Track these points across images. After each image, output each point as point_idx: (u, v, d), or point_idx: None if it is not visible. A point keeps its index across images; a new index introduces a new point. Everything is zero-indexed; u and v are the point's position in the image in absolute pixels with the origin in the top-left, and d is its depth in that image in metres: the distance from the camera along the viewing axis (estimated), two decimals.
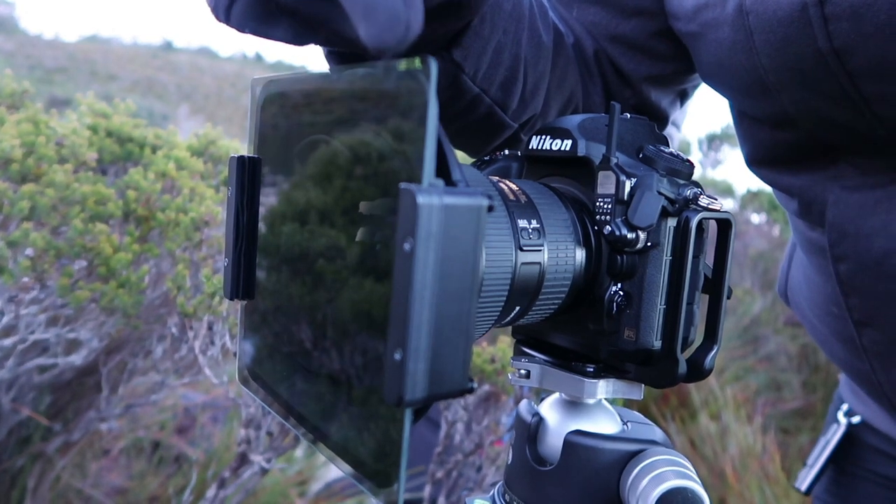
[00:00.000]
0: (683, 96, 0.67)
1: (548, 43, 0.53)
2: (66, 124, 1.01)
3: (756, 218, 4.40)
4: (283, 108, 0.38)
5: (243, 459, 0.88)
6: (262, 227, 0.39)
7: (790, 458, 2.14)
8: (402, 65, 0.27)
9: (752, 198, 4.25)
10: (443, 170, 0.28)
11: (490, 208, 0.27)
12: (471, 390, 0.28)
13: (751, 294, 3.36)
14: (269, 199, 0.39)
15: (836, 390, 0.81)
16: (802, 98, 0.48)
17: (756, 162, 0.61)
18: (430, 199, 0.25)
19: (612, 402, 0.46)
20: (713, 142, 5.41)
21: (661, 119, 0.65)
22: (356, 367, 0.31)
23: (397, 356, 0.26)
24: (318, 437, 0.34)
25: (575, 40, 0.59)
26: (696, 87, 0.67)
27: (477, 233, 0.26)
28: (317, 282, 0.34)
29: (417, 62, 0.26)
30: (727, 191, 4.55)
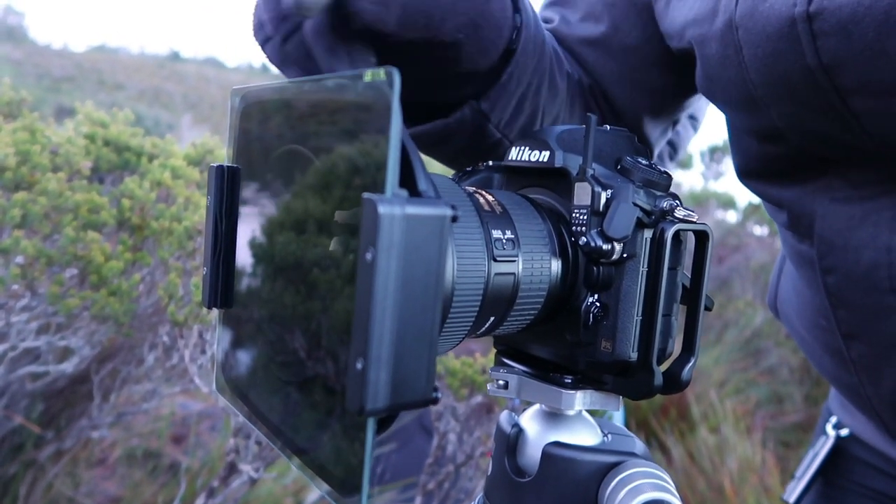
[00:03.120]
0: (675, 124, 0.68)
1: (562, 89, 0.58)
2: (61, 133, 1.01)
3: (758, 230, 4.39)
4: (260, 118, 0.38)
5: (232, 469, 0.88)
6: (240, 235, 0.39)
7: (790, 472, 2.13)
8: (368, 76, 0.27)
9: (753, 210, 4.24)
10: (408, 180, 0.28)
11: (454, 218, 0.27)
12: (435, 400, 0.28)
13: (752, 306, 3.35)
14: (247, 209, 0.39)
15: (826, 401, 0.80)
16: (791, 112, 0.48)
17: (747, 174, 0.61)
18: (391, 209, 0.25)
19: (598, 413, 0.46)
20: (714, 154, 5.41)
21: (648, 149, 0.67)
22: (326, 379, 0.31)
23: (359, 365, 0.26)
24: (291, 448, 0.34)
25: (578, 77, 0.62)
26: (689, 114, 0.69)
27: (440, 243, 0.27)
28: (290, 291, 0.34)
29: (382, 73, 0.27)
30: (729, 203, 4.54)
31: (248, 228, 0.39)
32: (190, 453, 1.54)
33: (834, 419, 0.75)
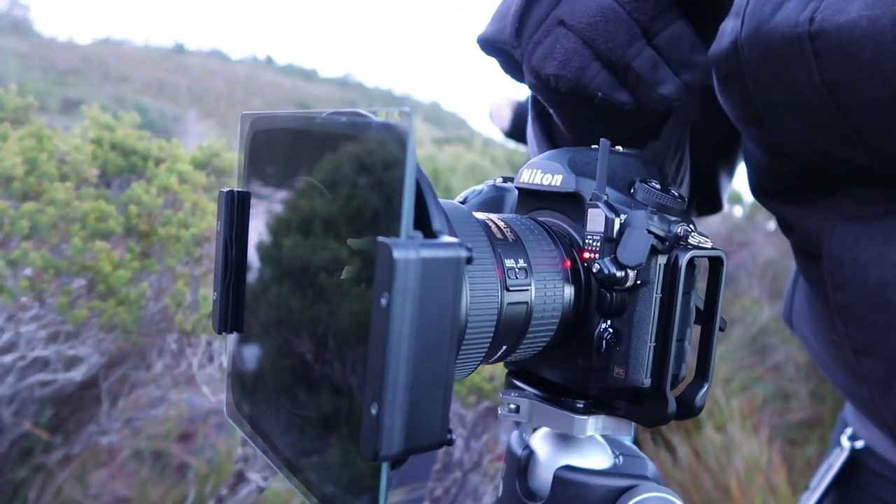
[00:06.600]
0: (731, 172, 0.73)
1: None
2: (68, 139, 1.01)
3: (765, 226, 4.36)
4: (270, 145, 0.38)
5: (240, 477, 0.88)
6: (249, 262, 0.39)
7: (797, 471, 2.12)
8: (382, 115, 0.27)
9: (760, 206, 4.21)
10: (423, 220, 0.27)
11: (469, 260, 0.26)
12: (450, 442, 0.28)
13: (759, 303, 3.34)
14: (256, 235, 0.39)
15: (840, 412, 0.80)
16: (797, 131, 0.48)
17: (760, 191, 0.62)
18: (406, 253, 0.25)
19: None
20: None
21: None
22: (338, 412, 0.31)
23: (374, 410, 0.25)
24: (293, 470, 0.34)
25: None
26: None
27: (455, 284, 0.26)
28: (296, 314, 0.34)
29: (397, 115, 0.26)
30: (735, 199, 4.51)
31: (257, 252, 0.39)
32: (198, 453, 1.54)
33: (849, 431, 0.75)
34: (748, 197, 4.55)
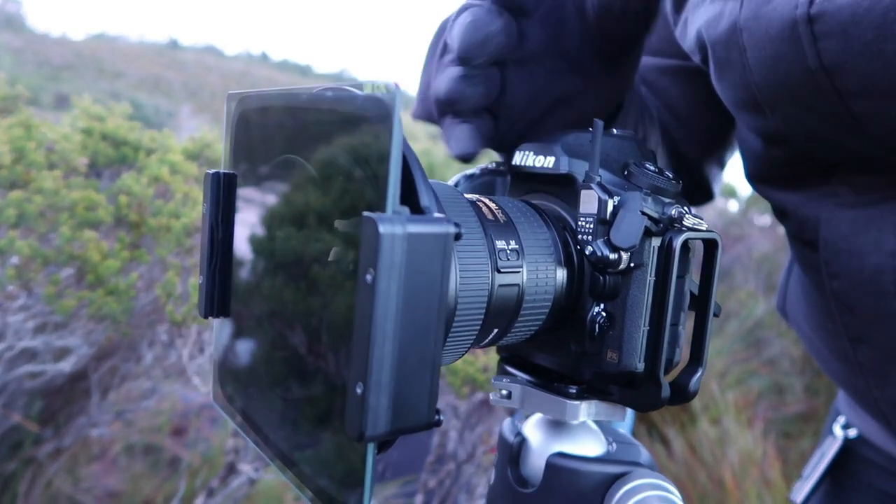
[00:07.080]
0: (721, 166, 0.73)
1: (656, 118, 0.62)
2: (58, 128, 1.00)
3: (760, 220, 4.37)
4: (257, 124, 0.37)
5: (231, 469, 0.87)
6: (236, 245, 0.38)
7: (791, 464, 2.13)
8: (368, 88, 0.26)
9: (755, 199, 4.21)
10: (410, 196, 0.27)
11: (458, 236, 0.26)
12: (437, 423, 0.27)
13: (754, 297, 3.34)
14: (243, 217, 0.38)
15: (833, 401, 0.80)
16: (795, 116, 0.48)
17: (755, 178, 0.61)
18: (392, 228, 0.24)
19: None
20: None
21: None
22: (332, 405, 0.30)
23: (359, 389, 0.25)
24: (287, 463, 0.33)
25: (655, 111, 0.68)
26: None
27: (443, 262, 0.26)
28: (289, 295, 0.33)
29: (383, 87, 0.26)
30: (730, 193, 4.52)
31: (245, 237, 0.38)
32: (190, 446, 1.53)
33: (842, 420, 0.74)
34: (743, 191, 4.56)
